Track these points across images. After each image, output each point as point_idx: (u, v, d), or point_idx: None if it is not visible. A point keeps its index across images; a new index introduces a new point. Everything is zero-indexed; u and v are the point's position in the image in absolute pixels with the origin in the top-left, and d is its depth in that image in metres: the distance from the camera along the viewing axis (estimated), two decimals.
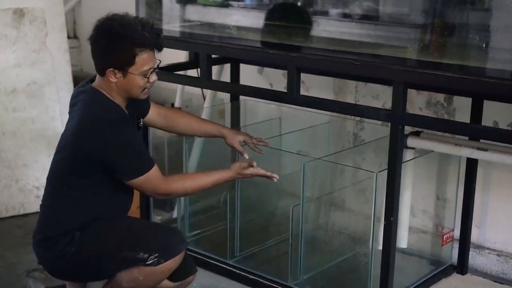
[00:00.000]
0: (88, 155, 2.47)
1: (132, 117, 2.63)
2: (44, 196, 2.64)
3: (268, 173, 2.66)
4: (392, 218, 2.63)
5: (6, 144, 3.77)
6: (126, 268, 2.48)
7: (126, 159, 2.48)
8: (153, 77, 2.54)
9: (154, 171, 2.53)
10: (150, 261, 2.45)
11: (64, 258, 2.55)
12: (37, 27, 3.96)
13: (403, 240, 2.96)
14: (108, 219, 2.56)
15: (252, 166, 2.66)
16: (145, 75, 2.49)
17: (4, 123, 3.80)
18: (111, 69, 2.46)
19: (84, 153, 2.48)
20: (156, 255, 2.46)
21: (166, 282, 2.65)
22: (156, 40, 2.52)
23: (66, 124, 2.59)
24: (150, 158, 2.58)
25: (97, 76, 2.55)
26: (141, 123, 2.74)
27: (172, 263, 2.50)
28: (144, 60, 2.47)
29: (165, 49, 3.31)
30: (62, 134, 2.59)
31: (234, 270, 3.12)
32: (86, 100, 2.55)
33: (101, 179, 2.52)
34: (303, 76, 2.88)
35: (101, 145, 2.45)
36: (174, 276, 2.63)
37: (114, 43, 2.43)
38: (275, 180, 2.66)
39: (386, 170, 2.62)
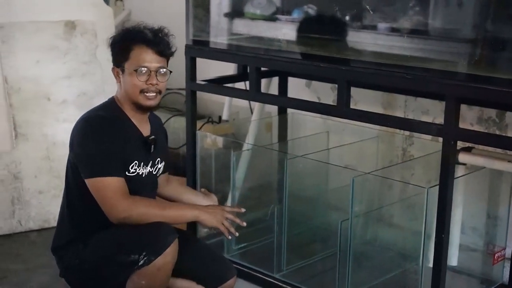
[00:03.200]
0: (72, 156, 2.52)
1: (147, 135, 2.61)
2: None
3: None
4: (443, 235, 2.58)
5: (56, 154, 3.83)
6: (126, 273, 2.43)
7: (87, 155, 2.44)
8: (153, 80, 2.50)
9: (112, 180, 2.41)
10: (142, 262, 2.36)
11: (73, 270, 2.57)
12: (87, 39, 4.02)
13: (453, 258, 2.90)
14: (108, 227, 2.50)
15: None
16: (139, 72, 2.48)
17: (55, 134, 3.86)
18: (113, 67, 2.55)
19: (71, 155, 2.53)
20: (144, 253, 2.36)
21: None
22: (155, 39, 2.51)
23: None
24: (114, 168, 2.44)
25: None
26: (152, 138, 2.62)
27: (164, 258, 2.38)
28: (138, 56, 2.49)
29: (213, 62, 3.36)
30: None
31: (280, 284, 3.09)
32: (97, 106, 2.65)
33: None
34: (351, 90, 2.86)
35: (74, 140, 2.49)
36: (208, 281, 2.61)
37: (117, 40, 2.54)
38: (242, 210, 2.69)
39: (437, 186, 2.58)
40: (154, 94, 2.52)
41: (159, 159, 2.66)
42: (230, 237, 2.57)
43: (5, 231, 3.73)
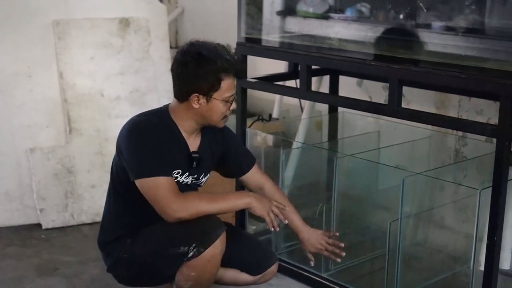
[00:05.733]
0: (119, 158, 2.55)
1: (193, 153, 2.60)
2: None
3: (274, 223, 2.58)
4: (495, 238, 2.52)
5: (109, 150, 3.88)
6: (176, 265, 2.47)
7: (135, 156, 2.47)
8: (234, 105, 2.57)
9: (161, 180, 2.43)
10: (191, 253, 2.42)
11: (121, 265, 2.61)
12: (141, 37, 4.07)
13: (505, 262, 2.84)
14: (154, 222, 2.53)
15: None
16: (227, 101, 2.52)
17: (107, 129, 3.92)
18: (196, 94, 2.49)
19: (118, 157, 2.56)
20: (194, 245, 2.42)
21: (245, 276, 2.68)
22: (239, 66, 2.56)
23: None
24: (162, 168, 2.47)
25: (174, 99, 2.58)
26: (195, 156, 2.62)
27: (213, 249, 2.43)
28: (228, 86, 2.51)
29: (264, 60, 3.36)
30: None
31: (328, 283, 3.08)
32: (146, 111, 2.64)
33: None
34: (403, 89, 2.82)
35: (121, 142, 2.53)
36: (251, 268, 2.65)
37: (203, 67, 2.47)
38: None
39: (490, 188, 2.53)
40: (229, 116, 2.61)
41: (203, 173, 2.68)
42: (273, 230, 2.59)
43: (58, 224, 3.81)
